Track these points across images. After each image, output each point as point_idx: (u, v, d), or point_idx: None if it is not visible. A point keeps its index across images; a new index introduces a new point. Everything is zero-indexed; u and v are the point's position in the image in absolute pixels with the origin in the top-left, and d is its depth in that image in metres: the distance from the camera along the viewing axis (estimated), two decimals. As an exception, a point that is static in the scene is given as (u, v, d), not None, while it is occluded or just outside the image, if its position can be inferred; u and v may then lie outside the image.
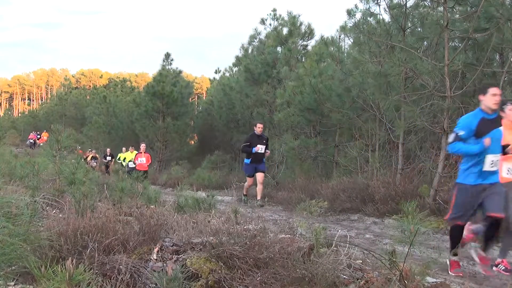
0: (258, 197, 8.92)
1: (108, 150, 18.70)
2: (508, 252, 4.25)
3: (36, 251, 2.64)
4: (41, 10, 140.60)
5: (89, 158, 17.95)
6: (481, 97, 4.07)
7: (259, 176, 8.88)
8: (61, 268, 1.98)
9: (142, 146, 13.29)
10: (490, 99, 3.96)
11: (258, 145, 8.83)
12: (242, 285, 2.65)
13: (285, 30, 15.92)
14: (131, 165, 13.83)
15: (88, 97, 36.66)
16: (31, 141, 30.94)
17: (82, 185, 4.26)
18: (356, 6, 8.92)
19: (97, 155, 19.03)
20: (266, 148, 9.05)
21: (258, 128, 8.97)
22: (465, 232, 4.14)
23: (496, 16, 6.54)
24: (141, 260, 2.87)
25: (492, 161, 3.89)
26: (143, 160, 13.10)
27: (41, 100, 77.94)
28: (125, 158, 14.76)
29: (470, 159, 3.98)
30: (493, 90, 3.96)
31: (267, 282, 2.65)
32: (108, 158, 18.12)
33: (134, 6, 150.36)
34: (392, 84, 7.93)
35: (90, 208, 3.58)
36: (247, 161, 9.09)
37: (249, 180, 9.19)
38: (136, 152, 14.18)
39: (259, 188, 8.91)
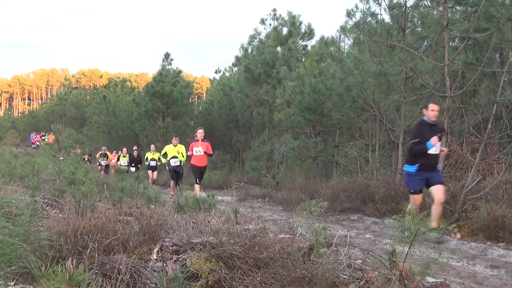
0: (433, 224, 5.33)
1: (135, 152, 15.23)
2: None
3: (36, 251, 2.64)
4: (42, 10, 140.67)
5: (97, 156, 16.96)
6: None
7: (437, 191, 5.33)
8: (61, 268, 1.98)
9: (200, 132, 9.10)
10: None
11: (433, 139, 5.36)
12: (242, 285, 2.65)
13: (285, 30, 15.95)
14: (174, 162, 10.40)
15: (88, 97, 36.72)
16: (38, 143, 29.98)
17: (82, 185, 4.26)
18: (356, 6, 8.93)
19: (108, 153, 16.87)
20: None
21: (431, 112, 5.49)
22: None
23: (496, 16, 6.54)
24: (141, 260, 2.87)
25: None
26: (200, 150, 8.93)
27: (41, 100, 77.96)
28: (165, 153, 10.68)
29: None
30: None
31: (267, 282, 2.65)
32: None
33: (135, 7, 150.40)
34: (392, 83, 7.94)
35: (90, 208, 3.59)
36: (410, 168, 5.54)
37: (416, 200, 5.47)
38: (187, 142, 10.77)
39: (437, 211, 5.32)
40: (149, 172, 13.90)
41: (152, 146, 14.38)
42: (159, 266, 2.80)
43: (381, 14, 8.73)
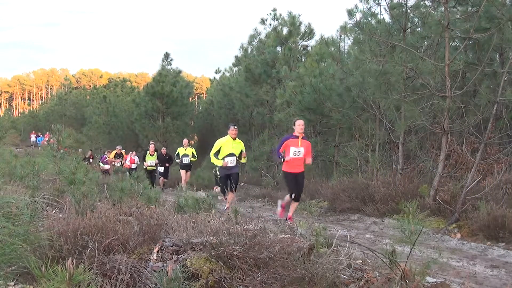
0: None
1: (163, 150, 13.10)
2: None
3: (36, 251, 2.64)
4: (42, 10, 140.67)
5: (111, 156, 15.74)
6: None
7: None
8: (61, 268, 1.98)
9: (300, 124, 6.80)
10: None
11: None
12: (242, 285, 2.65)
13: (285, 30, 15.93)
14: (231, 161, 7.15)
15: (88, 97, 36.67)
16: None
17: (82, 185, 4.26)
18: (356, 6, 8.92)
19: (123, 152, 15.57)
20: None
21: None
22: None
23: (497, 16, 6.54)
24: (141, 260, 2.86)
25: None
26: (300, 152, 6.66)
27: (41, 100, 77.93)
28: (218, 151, 7.18)
29: None
30: None
31: (267, 282, 2.65)
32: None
33: (135, 7, 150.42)
34: (393, 83, 7.93)
35: (90, 208, 3.58)
36: None
37: None
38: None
39: None
40: (182, 172, 11.78)
41: (185, 141, 12.15)
42: (159, 266, 2.80)
43: (381, 14, 8.74)
